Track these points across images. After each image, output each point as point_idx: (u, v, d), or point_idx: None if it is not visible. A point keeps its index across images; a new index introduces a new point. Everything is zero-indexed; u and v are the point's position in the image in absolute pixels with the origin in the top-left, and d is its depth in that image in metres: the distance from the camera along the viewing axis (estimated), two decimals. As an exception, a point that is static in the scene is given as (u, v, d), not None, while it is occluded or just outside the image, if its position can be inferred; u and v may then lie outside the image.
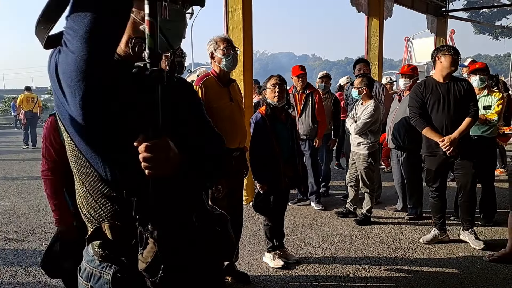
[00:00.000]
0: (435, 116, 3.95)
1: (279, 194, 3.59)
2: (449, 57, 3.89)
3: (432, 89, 3.97)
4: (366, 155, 4.77)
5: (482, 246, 3.96)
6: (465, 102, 3.92)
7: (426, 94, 3.98)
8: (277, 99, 3.41)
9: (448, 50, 3.95)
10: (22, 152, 11.77)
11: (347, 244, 4.19)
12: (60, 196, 2.16)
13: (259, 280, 3.39)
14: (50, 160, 2.15)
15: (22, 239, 4.42)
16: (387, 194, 5.87)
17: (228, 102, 3.09)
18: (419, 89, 4.05)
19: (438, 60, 3.98)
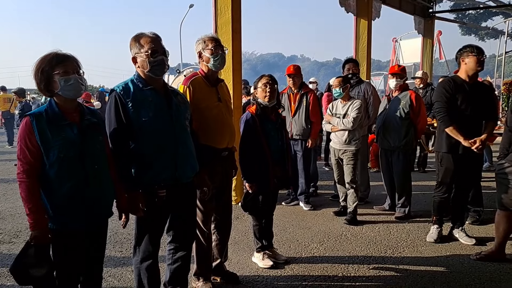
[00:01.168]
0: (458, 116, 3.88)
1: (268, 194, 3.58)
2: (474, 58, 3.83)
3: (461, 88, 3.89)
4: (355, 152, 4.81)
5: (474, 242, 4.02)
6: (486, 105, 3.89)
7: (455, 91, 3.89)
8: (267, 99, 3.40)
9: (472, 50, 3.85)
10: (8, 153, 11.57)
11: (336, 244, 4.19)
12: (36, 200, 2.10)
13: (248, 280, 3.37)
14: (25, 162, 2.09)
15: (8, 241, 4.34)
16: (375, 193, 5.91)
17: (216, 102, 3.06)
18: (449, 84, 3.94)
19: (462, 62, 3.91)
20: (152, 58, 2.46)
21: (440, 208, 4.21)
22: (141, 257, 2.64)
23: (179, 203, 2.65)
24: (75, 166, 2.17)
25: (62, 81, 2.13)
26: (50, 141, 2.11)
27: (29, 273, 2.11)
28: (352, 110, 4.78)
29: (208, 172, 2.89)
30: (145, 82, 2.53)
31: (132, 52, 2.54)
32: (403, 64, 14.97)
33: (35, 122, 2.10)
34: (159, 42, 2.53)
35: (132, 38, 2.55)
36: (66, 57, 2.18)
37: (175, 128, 2.56)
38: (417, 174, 7.38)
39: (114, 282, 3.36)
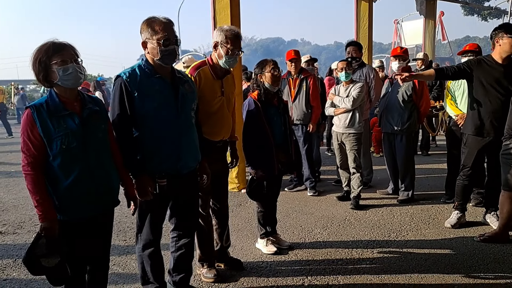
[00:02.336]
0: (484, 98, 3.81)
1: (272, 180, 3.56)
2: (510, 40, 3.71)
3: (487, 69, 3.79)
4: (358, 135, 4.78)
5: None
6: None
7: (477, 70, 3.82)
8: (276, 84, 3.38)
9: (507, 31, 3.73)
10: (8, 144, 11.59)
11: (339, 229, 4.19)
12: (42, 191, 2.09)
13: (252, 266, 3.38)
14: (29, 155, 2.08)
15: (12, 231, 4.36)
16: (378, 178, 5.90)
17: (219, 96, 3.00)
18: (472, 62, 3.88)
19: (497, 44, 3.79)
20: (163, 47, 2.39)
21: (462, 193, 4.14)
22: (142, 244, 2.65)
23: (181, 190, 2.65)
24: (78, 156, 2.15)
25: (61, 71, 2.09)
26: (52, 133, 2.09)
27: (41, 263, 2.11)
28: (354, 89, 4.77)
29: (207, 160, 2.88)
30: (153, 69, 2.48)
31: (142, 37, 2.47)
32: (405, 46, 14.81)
33: (36, 114, 2.08)
34: (172, 29, 2.46)
35: (144, 22, 2.45)
36: (62, 45, 2.14)
37: (179, 119, 2.53)
38: (420, 157, 7.36)
39: (119, 271, 3.37)
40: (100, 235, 2.36)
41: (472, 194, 4.66)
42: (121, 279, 3.23)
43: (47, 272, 2.16)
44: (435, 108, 6.99)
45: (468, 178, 4.06)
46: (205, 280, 3.13)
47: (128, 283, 3.14)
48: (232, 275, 3.22)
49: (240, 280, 3.15)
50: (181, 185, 2.62)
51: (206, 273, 3.14)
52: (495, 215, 4.07)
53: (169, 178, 2.53)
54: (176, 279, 2.84)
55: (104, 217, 2.36)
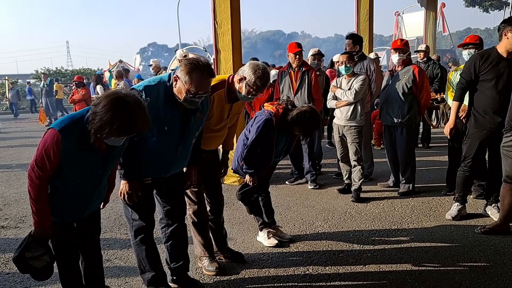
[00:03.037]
0: (490, 92, 3.79)
1: None
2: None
3: (493, 63, 3.76)
4: (359, 128, 4.78)
5: None
6: None
7: (483, 67, 3.79)
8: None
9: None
10: (9, 139, 11.59)
11: (340, 221, 4.21)
12: (44, 202, 2.13)
13: (253, 259, 3.40)
14: (42, 170, 2.08)
15: (13, 226, 4.37)
16: (379, 170, 5.90)
17: (224, 118, 3.04)
18: (477, 61, 3.83)
19: (504, 36, 3.73)
20: (189, 97, 2.41)
21: (463, 185, 4.14)
22: (134, 230, 2.71)
23: (165, 183, 2.72)
24: (87, 187, 2.24)
25: (113, 139, 2.07)
26: (72, 165, 2.11)
27: (30, 263, 2.17)
28: (356, 82, 4.76)
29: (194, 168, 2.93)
30: (173, 98, 2.47)
31: (178, 72, 2.43)
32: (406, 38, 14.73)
33: (65, 144, 2.04)
34: (208, 84, 2.46)
35: (186, 63, 2.41)
36: (133, 132, 2.07)
37: (178, 148, 2.60)
38: (421, 150, 7.35)
39: (120, 264, 3.39)
40: (88, 231, 2.44)
41: (473, 186, 4.66)
42: (123, 272, 3.24)
43: (34, 271, 2.22)
44: (436, 100, 6.97)
45: (469, 169, 4.06)
46: (207, 273, 3.15)
47: (130, 276, 3.16)
48: (234, 268, 3.24)
49: (242, 273, 3.17)
50: (166, 179, 2.71)
51: (208, 266, 3.16)
52: (495, 207, 4.08)
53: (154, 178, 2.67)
54: (174, 268, 2.88)
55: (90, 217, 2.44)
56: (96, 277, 2.52)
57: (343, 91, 4.82)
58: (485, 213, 4.19)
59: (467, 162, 4.05)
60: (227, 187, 3.49)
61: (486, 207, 4.20)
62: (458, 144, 4.57)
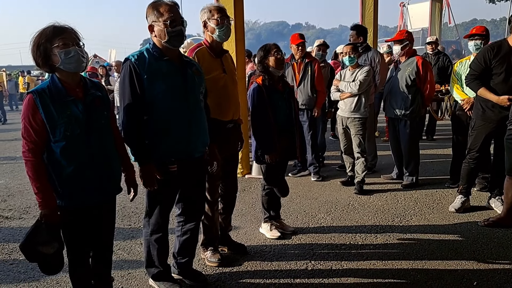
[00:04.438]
0: (500, 84, 3.73)
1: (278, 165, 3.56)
2: None
3: (504, 55, 3.70)
4: (363, 120, 4.76)
5: None
6: None
7: (494, 60, 3.73)
8: (280, 67, 3.36)
9: None
10: (13, 130, 11.64)
11: (343, 214, 4.20)
12: (43, 178, 2.08)
13: (256, 250, 3.40)
14: (29, 141, 2.06)
15: (18, 217, 4.40)
16: (383, 163, 5.88)
17: (222, 73, 3.00)
18: (488, 53, 3.77)
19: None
20: (170, 28, 2.39)
21: (467, 177, 4.12)
22: (151, 229, 2.67)
23: (190, 176, 2.66)
24: (81, 143, 2.13)
25: (62, 54, 2.05)
26: (55, 119, 2.06)
27: (39, 250, 2.10)
28: (361, 74, 4.72)
29: (217, 146, 2.87)
30: (161, 52, 2.47)
31: (148, 20, 2.47)
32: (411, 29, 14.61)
33: (38, 100, 2.04)
34: (177, 11, 2.46)
35: (149, 5, 2.47)
36: (64, 29, 2.09)
37: (188, 102, 2.52)
38: (425, 142, 7.32)
39: (124, 255, 3.40)
40: (102, 222, 2.36)
41: (477, 179, 4.63)
42: (126, 263, 3.26)
43: (44, 259, 2.15)
44: (440, 92, 6.92)
45: (474, 162, 4.03)
46: (209, 264, 3.16)
47: (133, 268, 3.17)
48: (236, 259, 3.25)
49: (244, 264, 3.18)
50: (190, 169, 2.63)
51: (210, 257, 3.17)
52: (499, 200, 4.06)
53: (179, 163, 2.54)
54: (180, 262, 2.88)
55: (106, 205, 2.35)
56: (104, 271, 2.48)
57: (347, 83, 4.79)
58: (488, 206, 4.17)
59: (472, 154, 4.02)
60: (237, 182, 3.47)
61: (490, 200, 4.18)
62: (462, 137, 4.54)
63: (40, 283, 2.99)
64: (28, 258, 2.14)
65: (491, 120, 3.85)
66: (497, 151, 4.04)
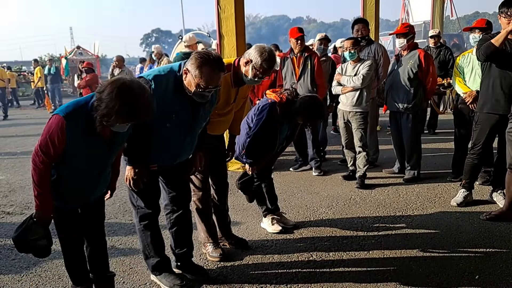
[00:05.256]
0: (501, 74, 3.70)
1: None
2: (502, 20, 3.63)
3: (503, 48, 3.66)
4: (365, 114, 4.74)
5: None
6: None
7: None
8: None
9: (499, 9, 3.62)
10: (14, 126, 11.64)
11: (345, 208, 4.20)
12: (46, 186, 2.14)
13: (257, 245, 3.40)
14: (46, 155, 2.08)
15: (19, 212, 4.41)
16: (384, 157, 5.87)
17: (231, 103, 3.01)
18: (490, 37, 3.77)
19: (503, 18, 3.66)
20: (199, 91, 2.38)
21: (471, 172, 4.10)
22: (139, 217, 2.73)
23: (172, 169, 2.71)
24: (92, 174, 2.25)
25: (119, 125, 2.06)
26: (77, 152, 2.12)
27: (29, 244, 2.21)
28: (363, 68, 4.70)
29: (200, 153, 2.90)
30: (182, 89, 2.44)
31: (188, 65, 2.39)
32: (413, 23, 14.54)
33: (69, 130, 2.03)
34: (219, 79, 2.42)
35: (197, 57, 2.36)
36: (139, 119, 2.04)
37: (185, 139, 2.60)
38: (426, 136, 7.30)
39: (125, 250, 3.41)
40: (92, 217, 2.45)
41: (480, 173, 4.62)
42: (127, 258, 3.27)
43: (34, 251, 2.27)
44: (442, 85, 6.88)
45: (479, 156, 4.01)
46: (211, 259, 3.16)
47: (135, 263, 3.18)
48: (238, 254, 3.25)
49: (246, 259, 3.18)
50: (172, 167, 2.70)
51: (212, 252, 3.17)
52: (502, 194, 4.04)
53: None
54: (179, 254, 2.90)
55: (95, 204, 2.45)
56: (100, 263, 2.53)
57: (349, 77, 4.77)
58: (491, 200, 4.16)
59: (477, 149, 4.00)
60: (231, 174, 3.49)
61: (492, 194, 4.17)
62: (464, 130, 4.52)
63: (42, 278, 3.00)
64: (19, 249, 2.26)
65: (495, 112, 3.79)
66: (501, 145, 4.02)
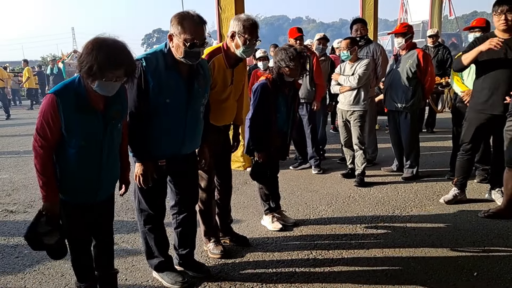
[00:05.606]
0: (489, 74, 3.75)
1: (271, 162, 3.62)
2: (495, 17, 3.67)
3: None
4: (363, 113, 4.77)
5: None
6: None
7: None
8: (293, 76, 3.38)
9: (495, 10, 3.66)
10: (17, 125, 11.67)
11: (344, 206, 4.23)
12: (50, 173, 2.13)
13: (258, 242, 3.44)
14: (43, 138, 2.09)
15: (22, 210, 4.44)
16: (383, 155, 5.90)
17: (229, 85, 3.02)
18: (474, 43, 3.82)
19: (495, 16, 3.71)
20: (188, 49, 2.39)
21: (462, 169, 4.13)
22: (143, 220, 2.74)
23: (179, 166, 2.71)
24: (93, 153, 2.20)
25: (103, 83, 2.04)
26: (74, 128, 2.10)
27: (42, 240, 2.19)
28: (360, 67, 4.72)
29: (208, 145, 2.91)
30: (173, 62, 2.47)
31: (170, 29, 2.44)
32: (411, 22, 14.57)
33: (62, 105, 2.04)
34: (202, 31, 2.42)
35: (176, 16, 2.41)
36: (120, 64, 2.03)
37: (187, 116, 2.58)
38: (425, 135, 7.34)
39: (128, 248, 3.45)
40: (101, 213, 2.42)
41: (477, 171, 4.66)
42: (130, 256, 3.30)
43: (47, 248, 2.24)
44: (440, 84, 6.92)
45: (467, 154, 4.06)
46: (212, 256, 3.20)
47: (137, 260, 3.21)
48: (238, 251, 3.28)
49: (246, 256, 3.21)
50: (180, 162, 2.68)
51: (213, 249, 3.20)
52: (500, 192, 4.08)
53: (168, 159, 2.62)
54: (181, 254, 2.92)
55: (105, 199, 2.42)
56: (106, 261, 2.52)
57: (346, 77, 4.80)
58: (489, 198, 4.19)
59: (465, 146, 4.05)
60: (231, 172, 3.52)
61: (491, 191, 4.21)
62: (462, 129, 4.56)
63: (45, 276, 3.04)
64: (33, 247, 2.23)
65: (484, 110, 3.84)
66: (496, 143, 4.06)
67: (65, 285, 2.90)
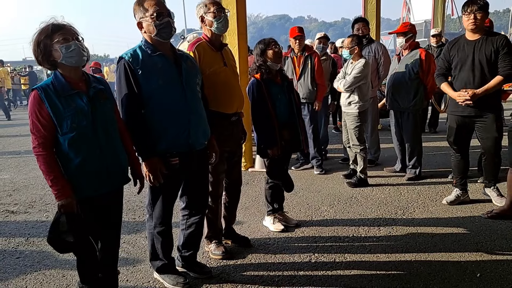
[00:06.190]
0: (458, 76, 3.83)
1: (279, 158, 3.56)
2: (464, 17, 3.74)
3: (459, 48, 3.82)
4: (356, 115, 4.71)
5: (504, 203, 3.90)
6: (496, 60, 3.65)
7: (452, 54, 3.87)
8: (278, 61, 3.38)
9: (464, 9, 3.72)
10: (18, 125, 11.70)
11: (346, 206, 4.21)
12: (56, 170, 2.12)
13: (259, 243, 3.42)
14: (38, 136, 2.10)
15: (23, 211, 4.44)
16: (386, 155, 5.88)
17: (222, 66, 3.01)
18: (446, 48, 3.96)
19: (464, 16, 3.78)
20: (158, 21, 2.41)
21: (456, 169, 4.14)
22: (154, 222, 2.70)
23: (192, 169, 2.67)
24: (88, 135, 2.18)
25: (63, 49, 2.09)
26: (61, 112, 2.11)
27: (65, 240, 2.15)
28: (354, 69, 4.65)
29: (217, 138, 2.88)
30: (153, 48, 2.49)
31: (136, 18, 2.49)
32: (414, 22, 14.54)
33: (43, 95, 2.09)
34: (163, 4, 2.47)
35: (135, 2, 2.49)
36: (62, 25, 2.15)
37: (186, 95, 2.53)
38: (427, 135, 7.31)
39: (129, 248, 3.43)
40: (110, 211, 2.39)
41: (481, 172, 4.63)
42: (131, 256, 3.29)
43: (73, 248, 2.23)
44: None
45: (457, 154, 4.10)
46: (213, 256, 3.18)
47: (138, 261, 3.20)
48: (240, 252, 3.27)
49: (248, 257, 3.20)
50: (192, 162, 2.64)
51: (214, 250, 3.19)
52: (495, 190, 4.08)
53: (180, 156, 2.55)
54: (184, 255, 2.91)
55: (114, 194, 2.39)
56: (110, 262, 2.50)
57: (341, 80, 4.76)
58: (485, 195, 4.20)
59: (453, 147, 4.11)
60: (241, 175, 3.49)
61: (485, 189, 4.21)
62: None
63: (46, 276, 3.03)
64: (58, 250, 2.23)
65: (456, 112, 3.93)
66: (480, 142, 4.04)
67: (66, 285, 2.89)
